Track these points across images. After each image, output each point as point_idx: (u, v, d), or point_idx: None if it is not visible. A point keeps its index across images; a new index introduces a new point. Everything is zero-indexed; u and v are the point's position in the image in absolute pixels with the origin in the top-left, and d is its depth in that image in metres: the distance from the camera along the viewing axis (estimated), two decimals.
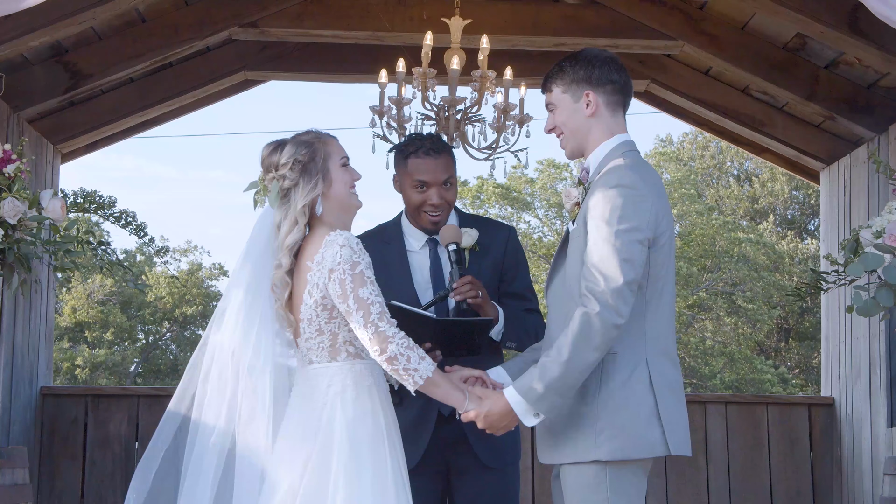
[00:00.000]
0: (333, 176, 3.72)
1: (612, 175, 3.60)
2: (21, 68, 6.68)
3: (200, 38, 7.03)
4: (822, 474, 7.68)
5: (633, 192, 3.54)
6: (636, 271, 3.49)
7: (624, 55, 7.66)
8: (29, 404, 7.19)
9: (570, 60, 3.81)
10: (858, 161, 7.25)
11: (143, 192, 44.56)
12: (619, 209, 3.51)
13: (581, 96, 3.76)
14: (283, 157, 3.71)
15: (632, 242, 3.49)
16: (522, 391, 3.51)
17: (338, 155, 3.76)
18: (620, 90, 3.80)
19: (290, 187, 3.69)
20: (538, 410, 3.50)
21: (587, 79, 3.76)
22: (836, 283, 5.63)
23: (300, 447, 3.55)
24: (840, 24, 6.15)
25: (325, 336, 3.62)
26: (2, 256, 4.67)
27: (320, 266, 3.57)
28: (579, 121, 3.77)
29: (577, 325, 3.45)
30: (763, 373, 23.48)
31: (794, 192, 28.44)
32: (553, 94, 3.82)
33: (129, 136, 8.25)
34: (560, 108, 3.81)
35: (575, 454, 3.59)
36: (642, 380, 3.59)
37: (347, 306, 3.52)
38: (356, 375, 3.63)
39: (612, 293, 3.44)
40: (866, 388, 7.07)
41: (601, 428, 3.55)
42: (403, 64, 6.78)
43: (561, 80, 3.80)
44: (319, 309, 3.60)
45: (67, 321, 27.37)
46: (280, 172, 3.70)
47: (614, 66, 3.80)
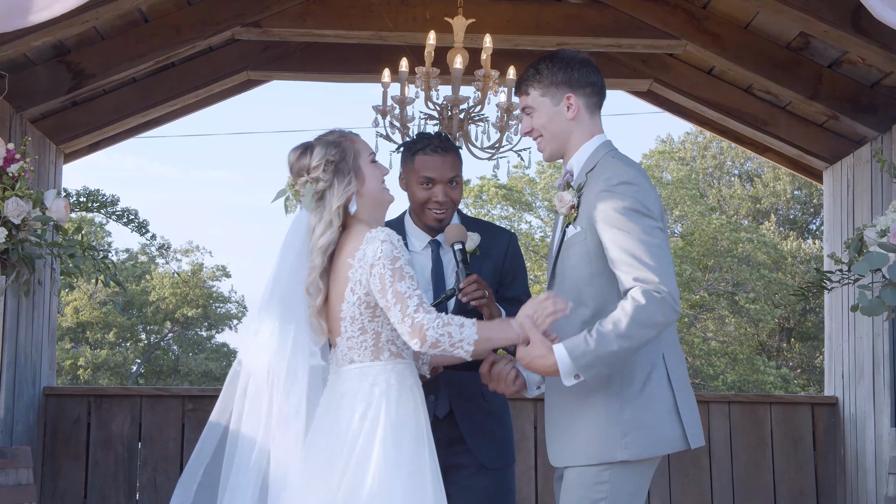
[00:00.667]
0: (365, 173, 3.71)
1: (610, 174, 3.60)
2: (24, 68, 6.68)
3: (203, 37, 7.03)
4: (825, 474, 7.67)
5: (637, 187, 3.56)
6: (671, 261, 3.52)
7: (627, 55, 7.67)
8: (32, 404, 7.19)
9: (548, 63, 3.79)
10: (862, 160, 7.24)
11: (145, 192, 44.59)
12: (634, 204, 3.52)
13: (561, 99, 3.75)
14: (313, 159, 3.69)
15: (657, 231, 3.52)
16: (574, 354, 3.45)
17: (366, 151, 3.76)
18: (598, 92, 3.80)
19: (324, 189, 3.67)
20: (585, 375, 3.46)
21: (567, 81, 3.74)
22: (841, 282, 5.62)
23: (337, 452, 3.53)
24: (843, 23, 6.15)
25: (369, 335, 3.60)
26: (5, 256, 4.66)
27: (362, 262, 3.56)
28: (561, 124, 3.76)
29: (642, 301, 3.42)
30: (765, 374, 23.46)
31: (797, 192, 28.42)
32: (530, 98, 3.80)
33: (132, 136, 8.25)
34: (539, 112, 3.78)
35: (599, 455, 3.56)
36: (662, 377, 3.60)
37: (386, 301, 3.51)
38: (399, 375, 3.61)
39: (665, 279, 3.45)
40: (870, 388, 7.07)
41: (627, 429, 3.54)
42: (406, 63, 6.78)
43: (539, 83, 3.77)
44: (363, 307, 3.58)
45: (70, 321, 27.38)
46: (313, 175, 3.68)
47: (591, 68, 3.79)
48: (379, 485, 3.45)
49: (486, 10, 7.08)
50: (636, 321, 3.41)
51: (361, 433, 3.52)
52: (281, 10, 7.11)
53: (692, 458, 7.67)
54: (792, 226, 28.64)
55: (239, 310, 30.87)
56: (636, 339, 3.42)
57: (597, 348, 3.42)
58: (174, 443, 7.52)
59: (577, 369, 3.45)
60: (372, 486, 3.45)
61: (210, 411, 7.60)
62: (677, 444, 3.61)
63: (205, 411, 7.50)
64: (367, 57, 7.63)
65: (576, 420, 3.61)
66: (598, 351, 3.42)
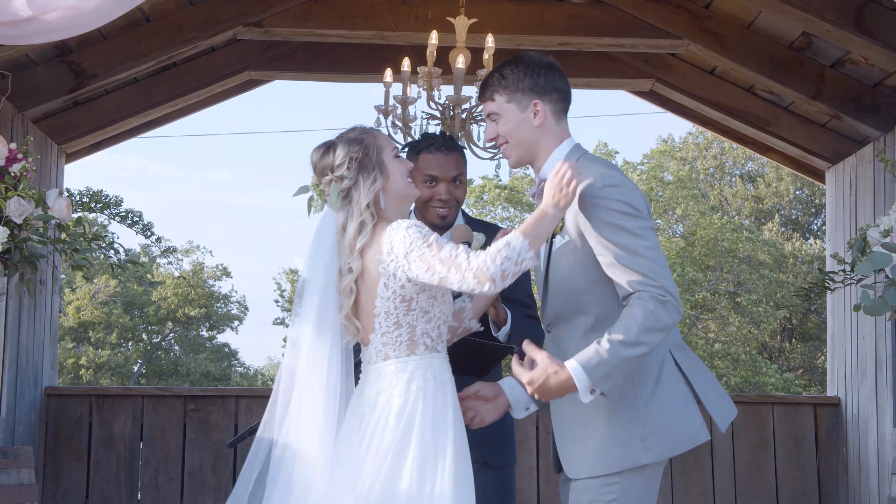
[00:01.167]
0: (390, 168, 3.68)
1: (591, 178, 3.52)
2: (25, 68, 6.68)
3: (205, 37, 7.03)
4: (827, 474, 7.67)
5: (621, 188, 3.49)
6: (665, 261, 3.48)
7: (629, 54, 7.67)
8: (33, 404, 7.19)
9: (513, 67, 3.70)
10: (864, 160, 7.23)
11: (146, 193, 44.66)
12: (622, 207, 3.46)
13: (528, 106, 3.66)
14: (336, 157, 3.66)
15: (648, 232, 3.47)
16: (588, 368, 3.38)
17: (389, 146, 3.72)
18: (564, 97, 3.72)
19: (349, 187, 3.63)
20: (602, 389, 3.39)
21: (533, 87, 3.66)
22: (844, 282, 5.61)
23: (372, 448, 3.51)
24: (846, 22, 6.14)
25: (404, 329, 3.57)
26: (8, 256, 4.66)
27: (392, 255, 3.52)
28: (527, 131, 3.68)
29: (650, 307, 3.37)
30: (766, 375, 23.46)
31: (798, 192, 28.41)
32: (496, 103, 3.71)
33: (134, 136, 8.25)
34: (505, 118, 3.69)
35: (622, 461, 3.50)
36: (672, 371, 3.55)
37: (439, 274, 3.45)
38: (435, 370, 3.59)
39: (665, 281, 3.41)
40: (872, 388, 7.06)
41: (646, 432, 3.49)
42: (408, 63, 6.77)
43: (504, 89, 3.68)
44: (398, 301, 3.55)
45: (71, 321, 27.40)
46: (337, 174, 3.65)
47: (557, 73, 3.72)
48: (418, 483, 3.44)
49: (488, 10, 7.07)
50: (646, 327, 3.36)
51: (398, 429, 3.50)
52: (283, 9, 7.11)
53: (694, 458, 7.67)
54: (794, 226, 28.64)
55: (240, 310, 30.90)
56: (647, 345, 3.37)
57: (610, 357, 3.36)
58: (176, 443, 7.52)
59: (593, 382, 3.38)
60: (410, 484, 3.44)
61: (211, 412, 7.67)
62: (698, 436, 3.55)
63: (206, 411, 7.53)
64: (369, 57, 7.63)
65: (590, 429, 3.54)
66: (613, 360, 3.36)
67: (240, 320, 30.78)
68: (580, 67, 7.79)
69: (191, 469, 7.50)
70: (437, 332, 3.62)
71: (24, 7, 4.14)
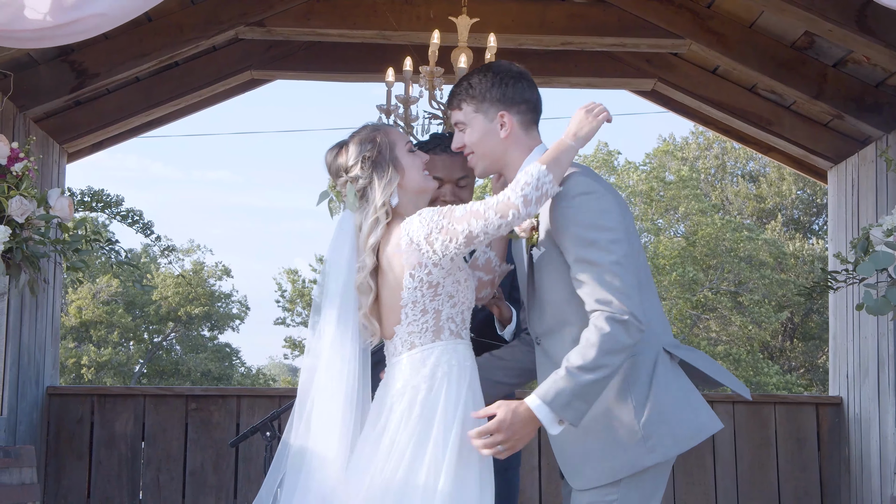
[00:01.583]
0: (404, 164, 3.66)
1: (566, 185, 3.47)
2: (27, 67, 6.67)
3: (206, 37, 7.03)
4: (829, 474, 7.66)
5: (594, 195, 3.44)
6: (633, 274, 3.41)
7: (631, 54, 7.66)
8: (35, 404, 7.19)
9: (481, 77, 3.65)
10: (866, 160, 7.23)
11: (147, 192, 44.66)
12: (593, 218, 3.41)
13: (495, 117, 3.61)
14: (350, 158, 3.65)
15: (617, 245, 3.40)
16: (548, 399, 3.34)
17: (402, 141, 3.71)
18: (534, 108, 3.67)
19: (364, 186, 3.63)
20: (565, 418, 3.34)
21: (501, 98, 3.60)
22: (846, 281, 5.61)
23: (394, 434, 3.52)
24: (848, 22, 6.14)
25: (430, 314, 3.55)
26: (9, 255, 4.65)
27: (414, 244, 3.51)
28: (494, 142, 3.63)
29: (606, 329, 3.32)
30: (768, 376, 23.44)
31: (800, 192, 28.40)
32: (463, 113, 3.66)
33: (135, 135, 8.25)
34: (472, 128, 3.65)
35: (629, 466, 3.45)
36: (667, 368, 3.51)
37: (463, 233, 3.44)
38: (460, 357, 3.58)
39: (626, 299, 3.34)
40: (874, 388, 7.05)
41: (647, 434, 3.43)
42: (410, 63, 6.77)
43: (472, 99, 3.63)
44: (425, 287, 3.53)
45: (73, 321, 27.41)
46: (351, 174, 3.64)
47: (527, 83, 3.66)
48: (434, 472, 3.45)
49: (490, 9, 7.07)
50: (603, 350, 3.31)
51: (423, 416, 3.49)
52: (285, 9, 7.11)
53: (696, 457, 7.66)
54: (796, 226, 28.62)
55: (241, 310, 30.90)
56: (607, 367, 3.32)
57: (569, 385, 3.32)
58: (177, 442, 7.52)
59: (555, 411, 3.33)
60: (428, 472, 3.44)
61: (213, 411, 7.66)
62: (706, 428, 3.52)
63: (207, 411, 7.53)
64: (370, 56, 7.62)
65: (592, 437, 3.48)
66: (572, 388, 3.31)
67: (241, 319, 30.79)
68: (582, 67, 7.79)
69: (192, 468, 7.50)
70: (461, 318, 3.61)
71: (47, 16, 4.12)
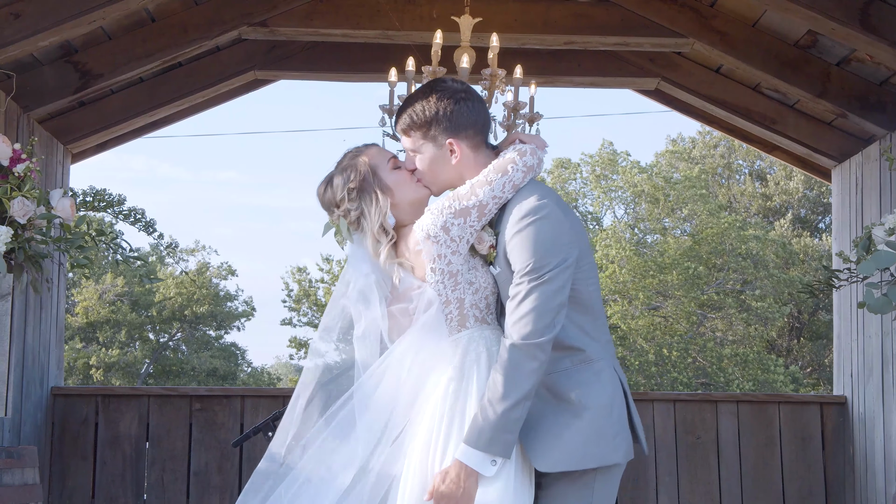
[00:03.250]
0: (390, 182, 3.64)
1: (517, 205, 3.48)
2: (31, 68, 6.69)
3: (210, 37, 7.04)
4: (834, 473, 7.66)
5: (541, 217, 3.43)
6: (561, 297, 3.40)
7: (634, 53, 7.66)
8: (40, 404, 7.21)
9: (424, 104, 3.59)
10: (870, 158, 7.22)
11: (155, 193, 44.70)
12: (535, 246, 3.41)
13: (443, 143, 3.58)
14: (336, 192, 3.66)
15: (551, 273, 3.39)
16: (472, 442, 3.33)
17: (384, 160, 3.68)
18: (482, 129, 3.64)
19: (357, 216, 3.64)
20: (495, 454, 3.33)
21: (447, 127, 3.57)
22: (849, 280, 5.60)
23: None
24: (851, 20, 6.13)
25: (453, 304, 3.56)
26: (12, 256, 4.66)
27: (431, 236, 3.51)
28: (445, 168, 3.61)
29: (506, 357, 3.35)
30: (775, 373, 23.42)
31: (807, 190, 28.36)
32: (411, 140, 3.63)
33: (139, 136, 8.26)
34: (422, 156, 3.63)
35: (600, 459, 3.47)
36: (612, 377, 3.53)
37: (477, 201, 3.50)
38: (487, 341, 3.57)
39: (532, 329, 3.35)
40: (879, 387, 7.05)
41: (615, 431, 3.47)
42: (413, 62, 6.77)
43: (419, 128, 3.60)
44: (446, 278, 3.54)
45: (80, 321, 27.45)
46: (342, 208, 3.65)
47: (472, 104, 3.62)
48: None
49: (493, 9, 7.07)
50: (509, 379, 3.33)
51: (453, 408, 3.49)
52: (288, 9, 7.12)
53: (701, 457, 7.66)
54: (803, 224, 28.59)
55: (247, 309, 30.91)
56: (517, 394, 3.33)
57: (487, 422, 3.32)
58: (182, 442, 7.53)
59: (482, 450, 3.33)
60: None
61: (217, 411, 7.67)
62: (638, 433, 3.59)
63: (212, 411, 7.54)
64: (373, 56, 7.63)
65: (563, 422, 3.49)
66: (491, 423, 3.32)
67: (247, 317, 30.80)
68: (585, 66, 7.79)
69: (196, 469, 7.51)
70: (485, 303, 3.60)
71: None
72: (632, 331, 23.93)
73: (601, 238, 25.07)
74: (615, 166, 26.09)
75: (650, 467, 7.66)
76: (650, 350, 23.65)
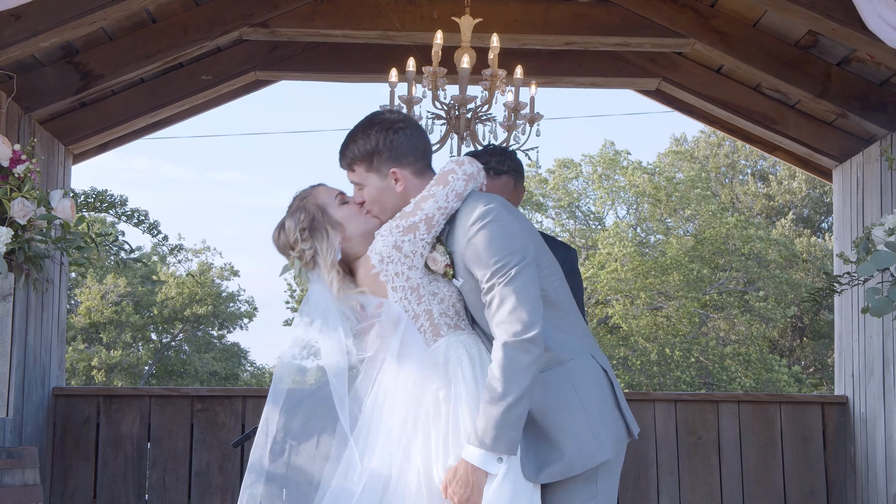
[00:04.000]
0: (339, 218, 3.74)
1: (466, 212, 3.56)
2: (32, 69, 6.69)
3: (210, 38, 7.04)
4: (835, 473, 7.65)
5: (492, 220, 3.50)
6: (534, 289, 3.45)
7: (635, 53, 7.66)
8: (41, 405, 7.21)
9: (364, 138, 3.68)
10: (871, 158, 7.22)
11: (158, 193, 44.71)
12: (493, 247, 3.47)
13: (387, 173, 3.66)
14: (289, 235, 3.77)
15: (516, 270, 3.45)
16: (476, 441, 3.38)
17: (331, 197, 3.79)
18: (423, 154, 3.72)
19: (312, 255, 3.73)
20: (501, 452, 3.38)
21: (389, 157, 3.66)
22: (850, 283, 5.60)
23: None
24: (852, 20, 6.11)
25: (422, 318, 3.63)
26: (12, 256, 4.67)
27: (385, 258, 3.60)
28: (392, 197, 3.69)
29: (501, 356, 3.39)
30: (778, 373, 23.40)
31: (810, 190, 28.34)
32: (356, 174, 3.72)
33: (141, 136, 8.26)
34: (368, 187, 3.71)
35: (581, 463, 3.51)
36: (585, 373, 3.58)
37: (423, 214, 3.57)
38: (465, 345, 3.63)
39: (519, 320, 3.40)
40: (880, 387, 7.04)
41: (595, 431, 3.52)
42: (413, 63, 6.78)
43: (361, 161, 3.68)
44: (408, 292, 3.61)
45: (83, 321, 27.44)
46: (297, 249, 3.75)
47: (410, 131, 3.70)
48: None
49: (494, 10, 7.07)
50: (507, 377, 3.37)
51: (446, 413, 3.54)
52: (288, 10, 7.12)
53: (702, 457, 7.66)
54: (806, 224, 28.57)
55: (249, 309, 30.89)
56: (517, 389, 3.37)
57: (490, 420, 3.37)
58: (183, 443, 7.53)
59: (488, 448, 3.37)
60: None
61: (219, 412, 7.68)
62: (632, 426, 3.64)
63: (213, 411, 7.54)
64: (374, 56, 7.63)
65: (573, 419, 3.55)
66: (494, 421, 3.36)
67: (249, 318, 30.77)
68: (586, 67, 7.79)
69: (198, 469, 7.51)
70: (454, 311, 3.66)
71: None
72: (634, 331, 23.92)
73: (604, 237, 25.08)
74: (616, 166, 26.07)
75: (651, 467, 7.66)
76: (652, 350, 23.64)
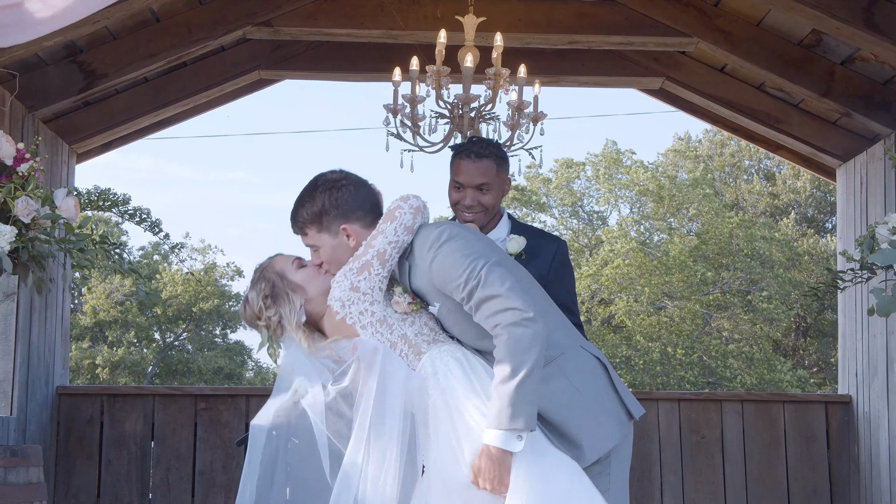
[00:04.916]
0: (299, 281, 3.86)
1: (420, 241, 3.66)
2: (35, 68, 6.70)
3: (214, 37, 7.05)
4: (839, 472, 7.65)
5: (450, 239, 3.60)
6: (511, 279, 3.51)
7: (638, 52, 7.66)
8: (45, 404, 7.22)
9: (310, 203, 3.80)
10: (875, 158, 7.21)
11: (162, 193, 44.73)
12: (459, 258, 3.55)
13: (338, 231, 3.79)
14: (253, 305, 3.89)
15: (490, 267, 3.52)
16: (494, 423, 3.42)
17: (288, 263, 3.91)
18: (371, 209, 3.83)
19: (278, 320, 3.85)
20: (518, 427, 3.40)
21: (336, 215, 3.78)
22: (853, 280, 5.59)
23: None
24: (856, 19, 6.12)
25: (400, 343, 3.70)
26: (16, 255, 4.67)
27: (345, 302, 3.71)
28: (345, 253, 3.80)
29: (503, 338, 3.44)
30: (782, 373, 23.37)
31: (814, 189, 28.31)
32: (310, 237, 3.84)
33: (144, 135, 8.26)
34: (323, 248, 3.83)
35: (591, 453, 3.57)
36: (576, 365, 3.65)
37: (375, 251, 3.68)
38: (450, 352, 3.67)
39: (512, 301, 3.45)
40: (883, 386, 7.04)
41: (599, 420, 3.60)
42: (417, 62, 6.77)
43: (311, 224, 3.81)
44: (378, 326, 3.70)
45: (88, 321, 27.46)
46: (263, 319, 3.87)
47: (352, 187, 3.82)
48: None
49: (497, 9, 7.07)
50: (513, 355, 3.42)
51: (447, 419, 3.58)
52: (292, 9, 7.12)
53: (705, 456, 7.66)
54: (810, 223, 28.54)
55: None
56: (527, 364, 3.41)
57: (503, 399, 3.40)
58: (187, 442, 7.54)
59: (507, 426, 3.40)
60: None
61: (222, 410, 7.68)
62: (635, 409, 3.73)
63: (217, 410, 7.54)
64: (377, 56, 7.63)
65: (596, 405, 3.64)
66: (508, 399, 3.40)
67: None
68: (589, 66, 7.79)
69: (202, 468, 7.52)
70: (428, 328, 3.73)
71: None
72: (637, 330, 23.91)
73: (607, 231, 25.09)
74: (619, 165, 26.05)
75: (655, 466, 7.66)
76: (655, 349, 23.62)
